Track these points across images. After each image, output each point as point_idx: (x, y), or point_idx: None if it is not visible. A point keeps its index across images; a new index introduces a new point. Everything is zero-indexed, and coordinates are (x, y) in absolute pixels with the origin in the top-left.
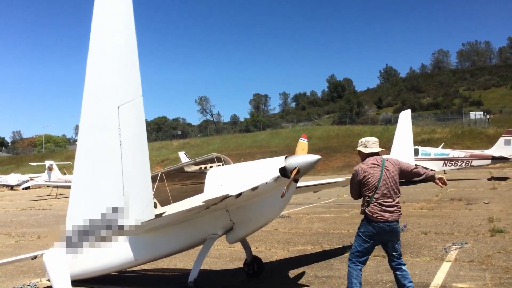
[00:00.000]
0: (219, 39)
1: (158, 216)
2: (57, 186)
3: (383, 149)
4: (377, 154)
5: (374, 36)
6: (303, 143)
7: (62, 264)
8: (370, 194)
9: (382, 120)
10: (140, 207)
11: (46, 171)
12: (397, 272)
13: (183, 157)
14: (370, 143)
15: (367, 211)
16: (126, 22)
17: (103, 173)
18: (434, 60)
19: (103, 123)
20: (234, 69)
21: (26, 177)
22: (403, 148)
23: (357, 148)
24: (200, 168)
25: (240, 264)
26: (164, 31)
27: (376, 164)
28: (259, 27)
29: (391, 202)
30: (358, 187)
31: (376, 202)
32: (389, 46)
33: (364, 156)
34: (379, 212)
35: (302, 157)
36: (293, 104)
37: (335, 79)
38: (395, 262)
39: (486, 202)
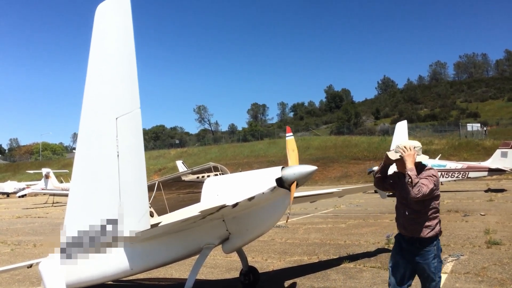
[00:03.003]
0: (218, 49)
1: (154, 226)
2: (53, 194)
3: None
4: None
5: (372, 47)
6: (290, 141)
7: (58, 273)
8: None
9: (380, 131)
10: (136, 217)
11: (43, 179)
12: None
13: (180, 166)
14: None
15: (441, 229)
16: (125, 36)
17: (100, 184)
18: (431, 72)
19: (101, 134)
20: (233, 78)
21: (22, 184)
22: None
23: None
24: (197, 178)
25: (236, 274)
26: (163, 39)
27: None
28: (258, 36)
29: None
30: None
31: None
32: (387, 57)
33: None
34: None
35: (298, 168)
36: (291, 114)
37: (333, 89)
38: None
39: (482, 214)
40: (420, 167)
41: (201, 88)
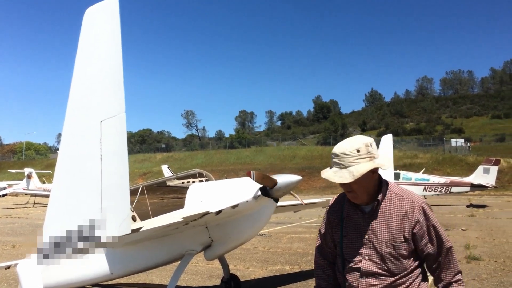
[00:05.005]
0: (208, 55)
1: (135, 230)
2: (35, 195)
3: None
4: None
5: (361, 60)
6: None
7: (36, 275)
8: None
9: None
10: (117, 221)
11: (25, 179)
12: None
13: (166, 170)
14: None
15: None
16: (113, 40)
17: (82, 186)
18: (418, 87)
19: (85, 136)
20: (222, 85)
21: (4, 184)
22: (383, 172)
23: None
24: (182, 183)
25: (217, 281)
26: (152, 43)
27: None
28: (248, 44)
29: None
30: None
31: None
32: (375, 70)
33: None
34: None
35: (283, 177)
36: (279, 123)
37: (321, 100)
38: None
39: (463, 229)
40: (380, 179)
41: (189, 93)
